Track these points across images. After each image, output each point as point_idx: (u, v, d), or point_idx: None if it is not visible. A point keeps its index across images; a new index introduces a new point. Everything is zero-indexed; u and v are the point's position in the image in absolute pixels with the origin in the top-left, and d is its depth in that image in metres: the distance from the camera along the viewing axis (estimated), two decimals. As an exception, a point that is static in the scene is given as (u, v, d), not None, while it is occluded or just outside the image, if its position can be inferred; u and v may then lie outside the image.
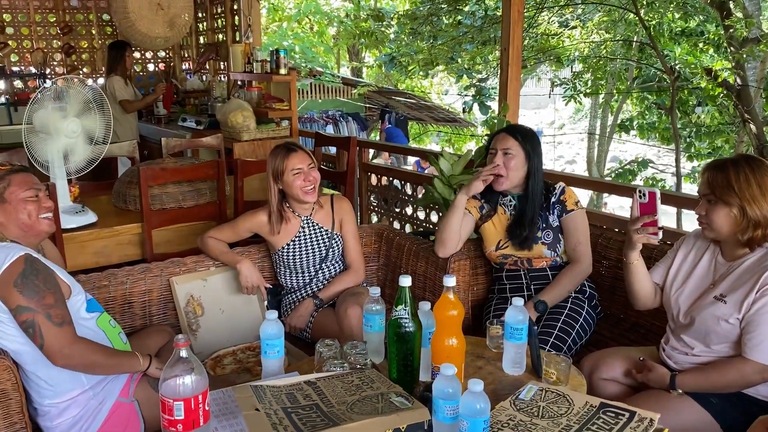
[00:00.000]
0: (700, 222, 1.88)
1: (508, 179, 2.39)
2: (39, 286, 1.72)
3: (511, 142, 2.38)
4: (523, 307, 1.78)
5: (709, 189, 1.82)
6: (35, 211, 1.87)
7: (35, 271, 1.74)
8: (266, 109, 4.63)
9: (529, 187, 2.40)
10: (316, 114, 10.54)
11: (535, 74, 13.51)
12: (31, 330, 1.70)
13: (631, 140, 13.41)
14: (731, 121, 8.98)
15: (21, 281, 1.70)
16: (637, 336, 2.49)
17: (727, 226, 1.81)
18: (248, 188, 3.29)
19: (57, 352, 1.71)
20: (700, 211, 1.86)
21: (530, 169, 2.40)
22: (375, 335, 1.84)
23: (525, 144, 2.38)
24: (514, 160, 2.37)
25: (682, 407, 1.81)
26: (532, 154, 2.38)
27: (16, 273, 1.71)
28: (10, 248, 1.77)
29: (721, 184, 1.79)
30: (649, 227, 1.91)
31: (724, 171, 1.80)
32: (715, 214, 1.81)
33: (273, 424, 1.35)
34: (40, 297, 1.71)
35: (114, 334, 1.95)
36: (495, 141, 2.43)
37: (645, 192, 1.92)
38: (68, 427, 1.83)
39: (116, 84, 5.17)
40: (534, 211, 2.39)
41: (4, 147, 4.42)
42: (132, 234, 3.03)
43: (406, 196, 4.51)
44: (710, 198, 1.82)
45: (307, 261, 2.56)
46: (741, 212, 1.77)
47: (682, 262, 2.02)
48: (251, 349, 2.41)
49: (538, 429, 1.47)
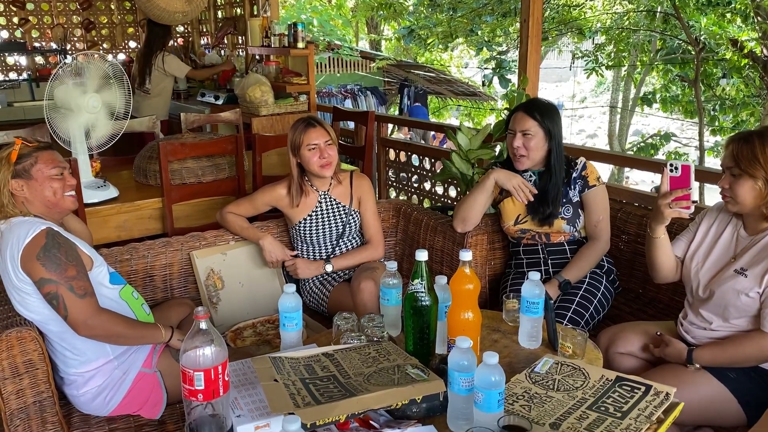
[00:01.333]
0: (723, 195, 1.86)
1: (529, 159, 2.37)
2: (61, 258, 1.76)
3: (530, 122, 2.33)
4: (540, 282, 1.78)
5: (734, 162, 1.79)
6: (60, 189, 1.91)
7: (57, 244, 1.78)
8: (284, 83, 4.62)
9: (552, 164, 2.37)
10: (335, 88, 10.49)
11: (556, 46, 13.29)
12: (55, 302, 1.75)
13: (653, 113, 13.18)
14: (757, 94, 8.78)
15: (43, 254, 1.74)
16: (655, 311, 2.48)
17: (751, 199, 1.78)
18: (266, 163, 3.30)
19: (81, 323, 1.76)
20: (724, 184, 1.83)
21: (551, 147, 2.36)
22: (392, 309, 1.85)
23: (544, 122, 2.33)
24: (534, 141, 2.34)
25: (699, 382, 1.81)
26: (553, 132, 2.34)
27: (38, 246, 1.75)
28: (33, 223, 1.81)
29: (746, 156, 1.76)
30: (681, 201, 1.84)
31: (750, 143, 1.76)
32: (739, 187, 1.79)
33: (291, 395, 1.38)
34: (63, 269, 1.75)
35: (137, 305, 1.99)
36: (513, 120, 2.39)
37: (677, 165, 1.85)
38: (93, 396, 1.88)
39: (173, 61, 5.20)
40: (557, 188, 2.37)
41: (27, 123, 4.48)
42: (153, 208, 3.07)
43: (424, 171, 4.50)
44: (734, 171, 1.79)
45: (323, 236, 2.58)
46: (766, 184, 1.75)
47: (704, 236, 2.00)
48: (270, 322, 2.44)
49: (553, 402, 1.48)
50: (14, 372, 1.75)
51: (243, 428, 1.38)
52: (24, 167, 1.86)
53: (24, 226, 1.79)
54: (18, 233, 1.78)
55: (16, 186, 1.85)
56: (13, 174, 1.85)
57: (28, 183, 1.87)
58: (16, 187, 1.86)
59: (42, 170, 1.88)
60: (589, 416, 1.41)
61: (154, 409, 1.93)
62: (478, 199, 2.45)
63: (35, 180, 1.87)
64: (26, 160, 1.87)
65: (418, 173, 4.54)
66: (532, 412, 1.44)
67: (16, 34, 6.08)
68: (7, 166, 1.85)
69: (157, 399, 1.93)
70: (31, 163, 1.87)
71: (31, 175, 1.87)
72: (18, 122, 4.99)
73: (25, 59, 6.09)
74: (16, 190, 1.86)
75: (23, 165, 1.86)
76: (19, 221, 1.82)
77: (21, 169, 1.86)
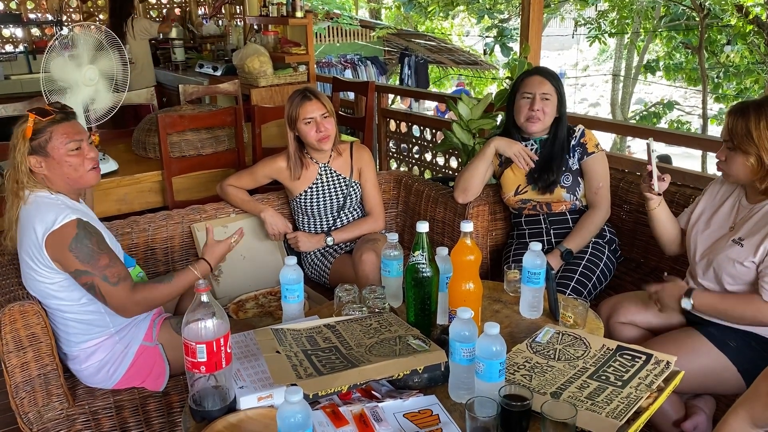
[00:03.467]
0: (719, 167, 1.86)
1: (542, 122, 2.36)
2: (93, 249, 1.75)
3: (548, 86, 2.34)
4: (541, 252, 1.78)
5: (729, 136, 1.79)
6: (80, 164, 1.83)
7: (88, 234, 1.76)
8: (283, 54, 4.57)
9: (558, 130, 2.38)
10: (334, 58, 10.38)
11: (558, 14, 13.08)
12: (93, 291, 1.77)
13: (657, 81, 13.05)
14: (762, 60, 8.68)
15: (76, 246, 1.73)
16: (657, 280, 2.45)
17: (744, 174, 1.80)
18: (266, 135, 3.29)
19: (119, 308, 1.79)
20: (720, 156, 1.84)
21: (561, 113, 2.37)
22: (393, 280, 1.86)
23: (559, 87, 2.36)
24: (550, 104, 2.35)
25: (699, 350, 1.82)
26: (564, 97, 2.38)
27: (69, 237, 1.72)
28: (60, 208, 1.76)
29: (740, 132, 1.75)
30: (647, 178, 1.96)
31: (745, 117, 1.75)
32: (732, 162, 1.80)
33: (293, 366, 1.39)
34: (96, 260, 1.75)
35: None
36: (529, 84, 2.36)
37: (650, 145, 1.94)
38: (96, 370, 1.90)
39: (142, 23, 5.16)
40: (562, 154, 2.38)
41: (24, 96, 4.45)
42: (152, 182, 3.06)
43: (425, 142, 4.47)
44: (729, 145, 1.79)
45: (324, 208, 2.57)
46: (758, 161, 1.75)
47: (707, 205, 2.01)
48: (273, 294, 2.45)
49: (554, 371, 1.48)
50: (18, 345, 1.76)
51: (246, 399, 1.39)
52: (40, 143, 1.78)
53: (52, 210, 1.75)
54: (45, 214, 1.74)
55: (34, 162, 1.79)
56: (29, 150, 1.78)
57: (46, 160, 1.79)
58: (35, 163, 1.79)
59: (57, 147, 1.79)
60: (589, 385, 1.42)
61: (158, 381, 1.95)
62: (479, 168, 2.45)
63: (52, 158, 1.79)
64: (41, 136, 1.78)
65: (419, 144, 4.52)
66: (533, 382, 1.44)
67: (11, 6, 6.01)
68: (23, 142, 1.78)
69: (160, 371, 1.95)
70: (46, 139, 1.78)
71: (48, 153, 1.79)
72: (15, 95, 4.96)
73: (21, 31, 6.03)
74: (35, 167, 1.79)
75: (39, 141, 1.78)
76: (46, 200, 1.78)
77: (37, 145, 1.78)
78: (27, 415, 1.82)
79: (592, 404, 1.34)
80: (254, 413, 1.38)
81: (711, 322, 1.89)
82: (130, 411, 1.95)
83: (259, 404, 1.40)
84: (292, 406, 1.14)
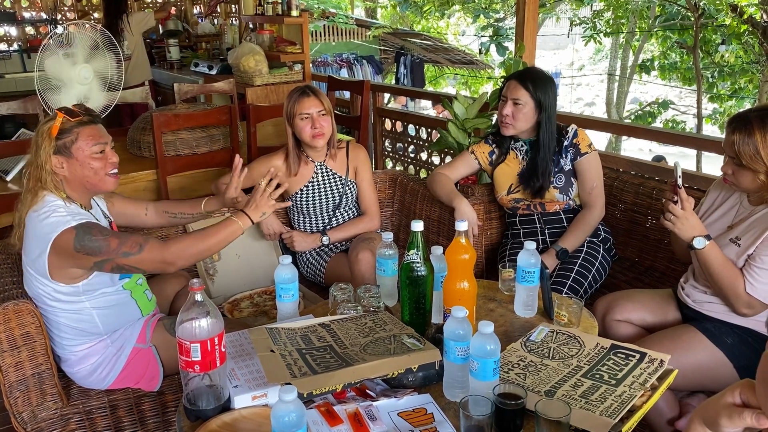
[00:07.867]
0: (726, 180, 1.85)
1: (514, 128, 2.38)
2: (98, 237, 1.72)
3: (521, 92, 2.33)
4: (535, 251, 1.78)
5: (736, 155, 1.77)
6: (102, 168, 1.82)
7: (87, 228, 1.72)
8: (278, 52, 4.56)
9: (541, 137, 2.37)
10: (330, 57, 10.36)
11: (554, 13, 13.12)
12: (125, 270, 1.76)
13: (652, 81, 13.08)
14: (756, 60, 8.72)
15: (80, 244, 1.70)
16: (651, 279, 2.49)
17: (754, 186, 1.80)
18: (261, 134, 3.28)
19: (162, 264, 1.77)
20: (727, 170, 1.82)
21: (541, 120, 2.35)
22: (388, 279, 1.86)
23: (536, 93, 2.32)
24: (523, 111, 2.34)
25: (695, 347, 1.82)
26: (544, 103, 2.33)
27: (70, 241, 1.69)
28: (62, 223, 1.72)
29: (747, 153, 1.73)
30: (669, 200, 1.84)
31: (751, 136, 1.72)
32: (741, 176, 1.79)
33: (288, 365, 1.39)
34: (107, 245, 1.71)
35: (140, 292, 1.97)
36: (506, 88, 2.40)
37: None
38: (89, 372, 1.89)
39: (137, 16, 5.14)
40: (547, 161, 2.37)
41: (18, 95, 4.43)
42: (147, 180, 3.05)
43: (420, 141, 4.47)
44: (737, 161, 1.78)
45: (320, 206, 2.57)
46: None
47: (710, 205, 2.01)
48: (267, 293, 2.45)
49: (549, 370, 1.49)
50: (12, 344, 1.76)
51: (240, 398, 1.39)
52: (65, 143, 1.76)
53: (51, 222, 1.72)
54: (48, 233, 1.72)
55: (56, 163, 1.77)
56: (54, 150, 1.76)
57: (68, 161, 1.78)
58: (57, 164, 1.77)
59: (82, 149, 1.78)
60: (583, 384, 1.42)
61: (151, 382, 1.94)
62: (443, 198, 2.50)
63: (75, 159, 1.78)
64: (67, 136, 1.77)
65: (414, 143, 4.52)
66: (527, 380, 1.45)
67: (5, 4, 5.98)
68: (49, 140, 1.76)
69: (154, 373, 1.94)
70: (71, 140, 1.77)
71: (71, 154, 1.77)
72: (10, 94, 4.94)
73: (15, 30, 6.00)
74: (56, 168, 1.78)
75: (64, 141, 1.76)
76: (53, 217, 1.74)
77: (62, 145, 1.77)
78: (21, 415, 1.81)
79: (586, 403, 1.34)
80: (249, 412, 1.38)
81: (707, 317, 1.89)
82: (124, 410, 1.94)
83: (254, 403, 1.40)
84: (287, 405, 1.14)
